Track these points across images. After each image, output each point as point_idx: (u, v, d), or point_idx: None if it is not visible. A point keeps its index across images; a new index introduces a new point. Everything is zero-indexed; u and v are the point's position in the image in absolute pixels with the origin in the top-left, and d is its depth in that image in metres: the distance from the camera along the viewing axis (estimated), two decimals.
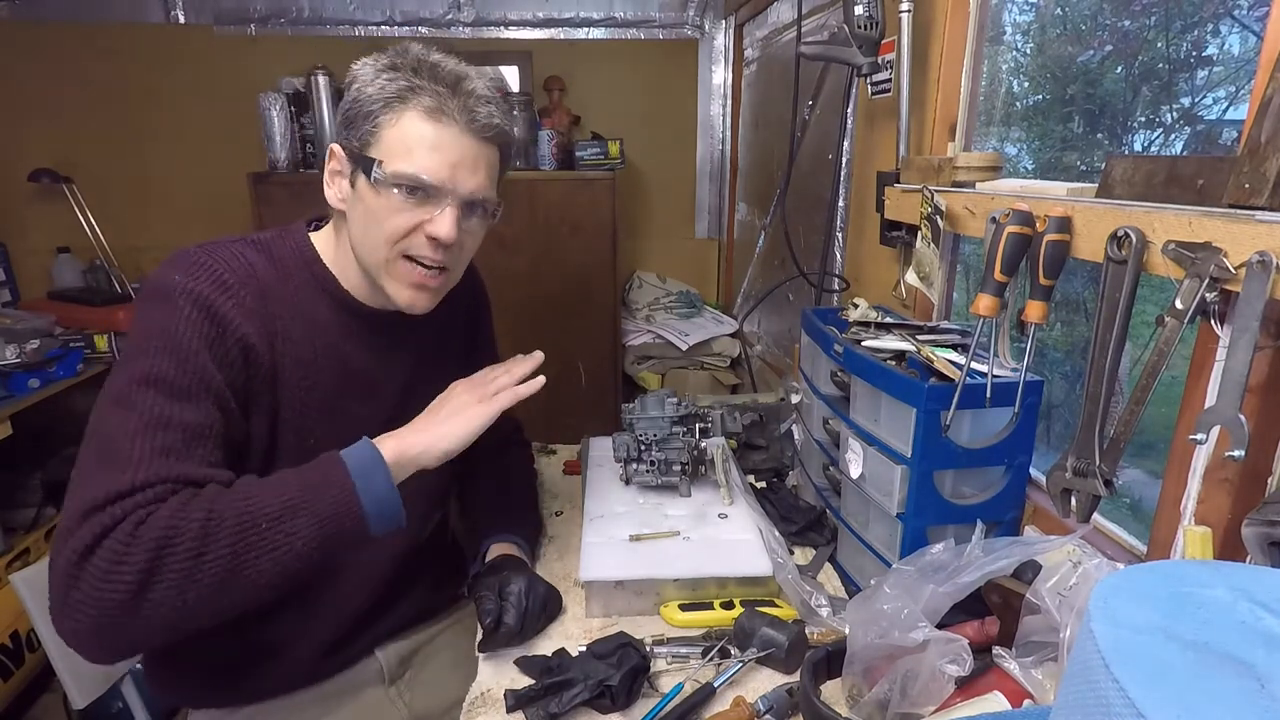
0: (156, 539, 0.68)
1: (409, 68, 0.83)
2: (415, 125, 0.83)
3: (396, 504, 0.80)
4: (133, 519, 0.69)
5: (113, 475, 0.71)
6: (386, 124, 0.83)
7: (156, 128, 2.62)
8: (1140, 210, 0.74)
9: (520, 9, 2.66)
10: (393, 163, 0.83)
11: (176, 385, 0.76)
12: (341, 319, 0.93)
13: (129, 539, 0.68)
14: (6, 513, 2.14)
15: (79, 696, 1.06)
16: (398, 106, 0.83)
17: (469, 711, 0.83)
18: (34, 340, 2.01)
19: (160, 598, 0.68)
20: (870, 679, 0.77)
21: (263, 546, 0.72)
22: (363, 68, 0.86)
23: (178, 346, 0.77)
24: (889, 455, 0.93)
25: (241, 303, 0.83)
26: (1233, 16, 0.95)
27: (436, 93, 0.82)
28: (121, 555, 0.67)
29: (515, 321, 2.36)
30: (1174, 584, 0.39)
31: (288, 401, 0.88)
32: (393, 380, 0.99)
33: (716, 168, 2.89)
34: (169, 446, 0.74)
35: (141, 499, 0.70)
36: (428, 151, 0.83)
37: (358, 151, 0.85)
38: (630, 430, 1.17)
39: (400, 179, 0.83)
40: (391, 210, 0.85)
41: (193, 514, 0.70)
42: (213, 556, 0.70)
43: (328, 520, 0.76)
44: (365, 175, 0.84)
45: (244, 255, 0.87)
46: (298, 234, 0.94)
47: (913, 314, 1.30)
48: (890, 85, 1.33)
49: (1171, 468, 0.82)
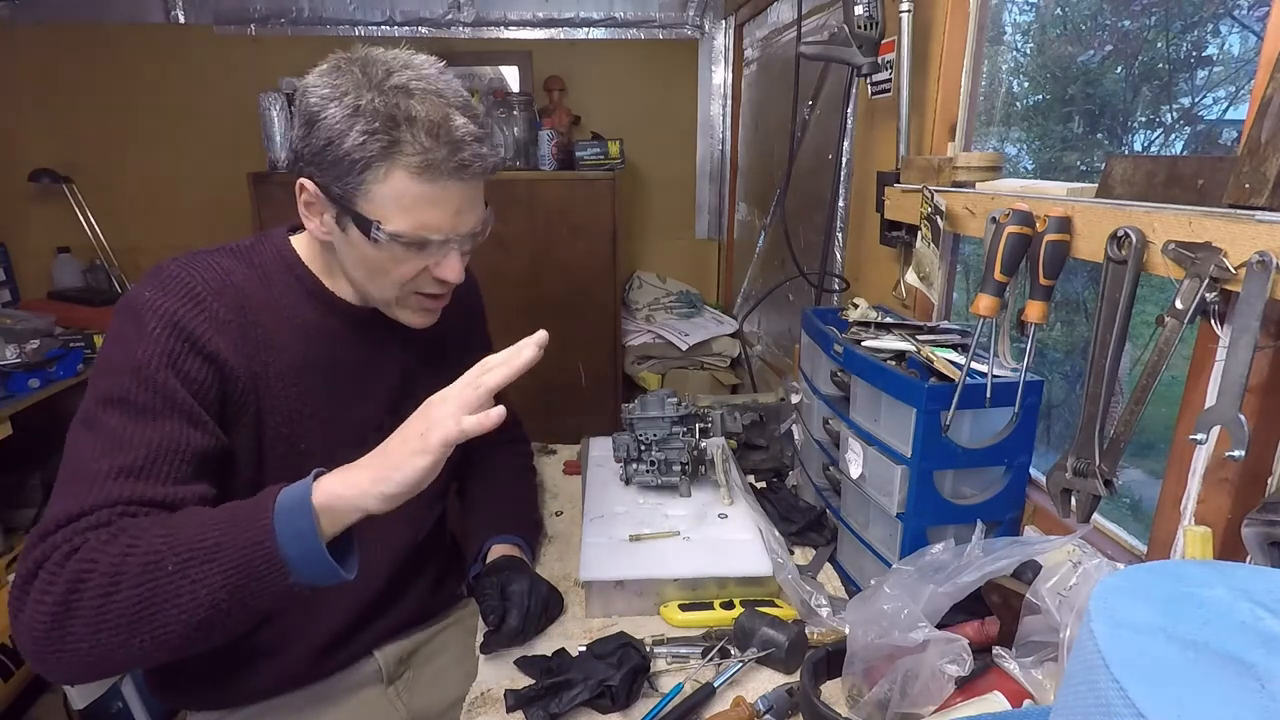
0: (73, 573, 0.67)
1: (384, 115, 0.76)
2: (407, 185, 0.78)
3: (322, 558, 0.69)
4: (68, 546, 0.68)
5: (69, 499, 0.71)
6: (374, 181, 0.78)
7: (156, 128, 2.62)
8: (1140, 210, 0.74)
9: (520, 9, 2.66)
10: (391, 223, 0.80)
11: (138, 404, 0.75)
12: (328, 321, 0.92)
13: (56, 569, 0.67)
14: (6, 513, 2.14)
15: (79, 696, 1.06)
16: (382, 165, 0.77)
17: (469, 711, 0.83)
18: (34, 340, 2.01)
19: (78, 634, 0.66)
20: (870, 679, 0.77)
21: (169, 591, 0.67)
22: (326, 107, 0.77)
23: (142, 365, 0.76)
24: (889, 455, 0.93)
25: (214, 315, 0.81)
26: (1233, 16, 0.95)
27: (423, 148, 0.77)
28: (46, 586, 0.67)
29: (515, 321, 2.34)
30: (1174, 584, 0.39)
31: (274, 411, 0.87)
32: (385, 380, 0.98)
33: (716, 168, 2.89)
34: (126, 466, 0.73)
35: (85, 524, 0.70)
36: (426, 209, 0.80)
37: (343, 201, 0.80)
38: (630, 430, 1.17)
39: (404, 239, 0.81)
40: (395, 261, 0.83)
41: (111, 548, 0.67)
42: (121, 597, 0.66)
43: (239, 569, 0.68)
44: (360, 229, 0.81)
45: (219, 264, 0.85)
46: (278, 238, 0.92)
47: (913, 314, 1.30)
48: (890, 85, 1.33)
49: (1171, 468, 0.82)
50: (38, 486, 2.22)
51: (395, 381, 0.99)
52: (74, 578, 0.66)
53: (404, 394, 0.99)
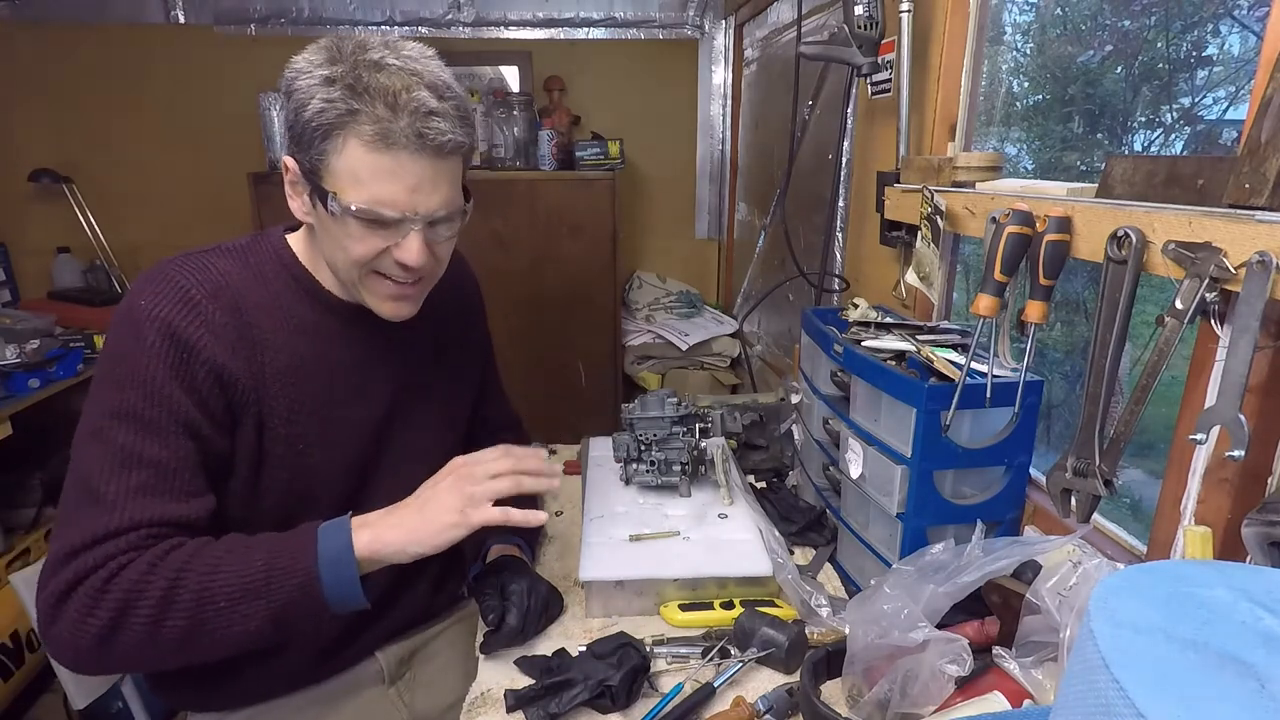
0: (120, 599, 0.72)
1: (345, 83, 0.75)
2: (361, 155, 0.76)
3: (358, 597, 0.79)
4: (105, 571, 0.73)
5: (92, 517, 0.74)
6: (331, 151, 0.77)
7: (156, 127, 2.62)
8: (1140, 210, 0.74)
9: (520, 9, 2.66)
10: (346, 195, 0.77)
11: (147, 419, 0.77)
12: (325, 320, 0.91)
13: (98, 594, 0.72)
14: (6, 513, 2.14)
15: (79, 696, 1.06)
16: (338, 134, 0.76)
17: (469, 711, 0.83)
18: (34, 340, 2.01)
19: (124, 649, 0.74)
20: (870, 679, 0.77)
21: (219, 622, 0.75)
22: (299, 78, 0.77)
23: (147, 379, 0.77)
24: (889, 455, 0.93)
25: (210, 320, 0.81)
26: (1233, 16, 0.95)
27: (377, 117, 0.74)
28: (90, 608, 0.72)
29: (515, 321, 2.36)
30: (1174, 584, 0.39)
31: (274, 411, 0.87)
32: (383, 380, 0.97)
33: (716, 168, 2.89)
34: (143, 484, 0.76)
35: (115, 547, 0.74)
36: (382, 182, 0.77)
37: (310, 175, 0.80)
38: (630, 430, 1.17)
39: (357, 213, 0.78)
40: (354, 238, 0.81)
41: (158, 578, 0.73)
42: (171, 624, 0.73)
43: (286, 606, 0.76)
44: (321, 203, 0.79)
45: (214, 265, 0.85)
46: (274, 237, 0.92)
47: (913, 314, 1.30)
48: (890, 85, 1.33)
49: (1171, 468, 0.82)
50: (37, 486, 2.21)
51: (393, 381, 0.98)
52: (123, 604, 0.72)
53: (402, 393, 0.99)
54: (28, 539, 2.07)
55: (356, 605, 0.80)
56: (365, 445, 0.96)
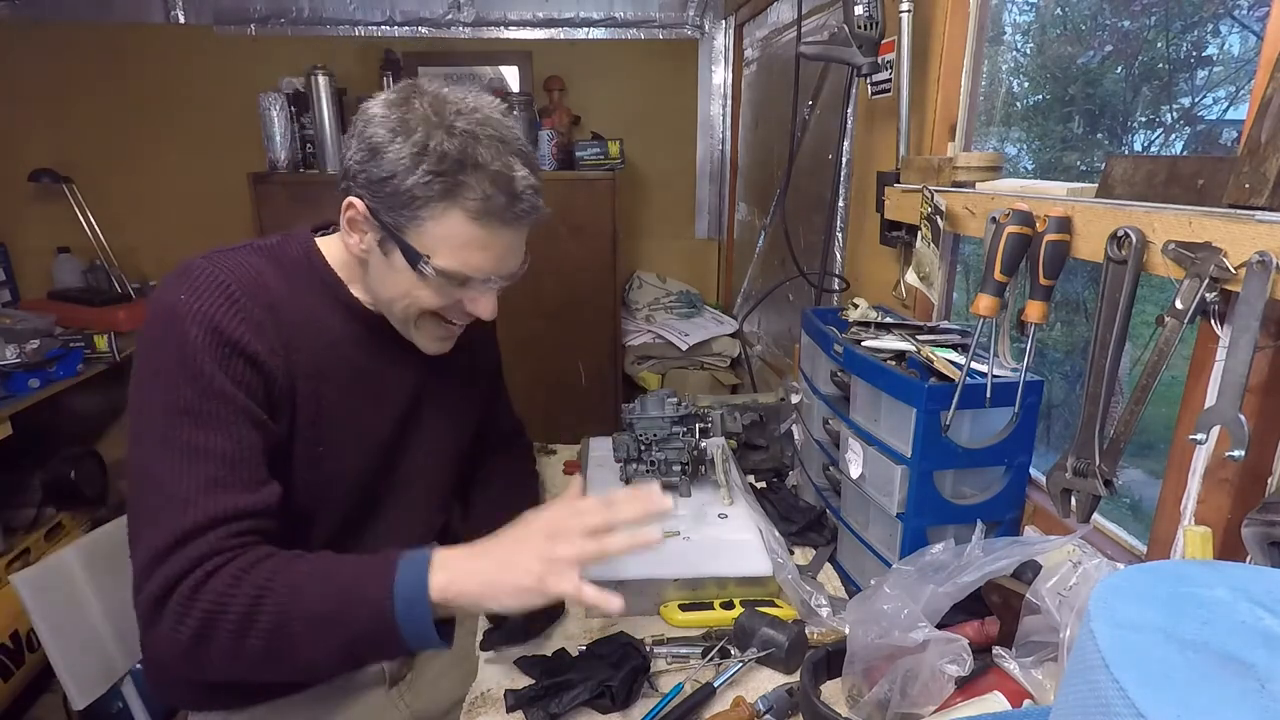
0: (207, 609, 0.73)
1: (453, 159, 0.77)
2: (463, 227, 0.80)
3: (433, 636, 0.75)
4: (194, 578, 0.73)
5: (170, 517, 0.75)
6: (429, 217, 0.79)
7: (156, 127, 2.62)
8: (1140, 210, 0.74)
9: (520, 9, 2.66)
10: (439, 258, 0.81)
11: (205, 413, 0.77)
12: (350, 326, 0.92)
13: (188, 601, 0.73)
14: (6, 513, 2.14)
15: (79, 696, 1.06)
16: (442, 204, 0.79)
17: (469, 711, 0.83)
18: (34, 340, 2.01)
19: (215, 659, 0.75)
20: (870, 679, 0.77)
21: (293, 646, 0.74)
22: (393, 141, 0.78)
23: (197, 373, 0.77)
24: (889, 455, 0.93)
25: (249, 316, 0.82)
26: (1233, 16, 0.95)
27: (484, 194, 0.78)
28: (181, 615, 0.73)
29: (516, 321, 2.35)
30: (1174, 584, 0.39)
31: (302, 411, 0.88)
32: (401, 387, 0.98)
33: (716, 168, 2.89)
34: (213, 478, 0.76)
35: (200, 549, 0.74)
36: (476, 251, 0.82)
37: (393, 229, 0.81)
38: (630, 430, 1.17)
39: (448, 275, 0.82)
40: (432, 292, 0.84)
41: (242, 593, 0.73)
42: (252, 641, 0.73)
43: (359, 637, 0.74)
44: (406, 259, 0.82)
45: (250, 263, 0.86)
46: (304, 239, 0.92)
47: (913, 314, 1.30)
48: (890, 85, 1.33)
49: (1171, 468, 0.82)
50: (37, 486, 2.21)
51: (407, 392, 0.99)
52: (208, 617, 0.73)
53: (414, 405, 0.99)
54: (28, 539, 2.07)
55: (434, 645, 0.75)
56: (378, 453, 0.96)
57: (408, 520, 1.03)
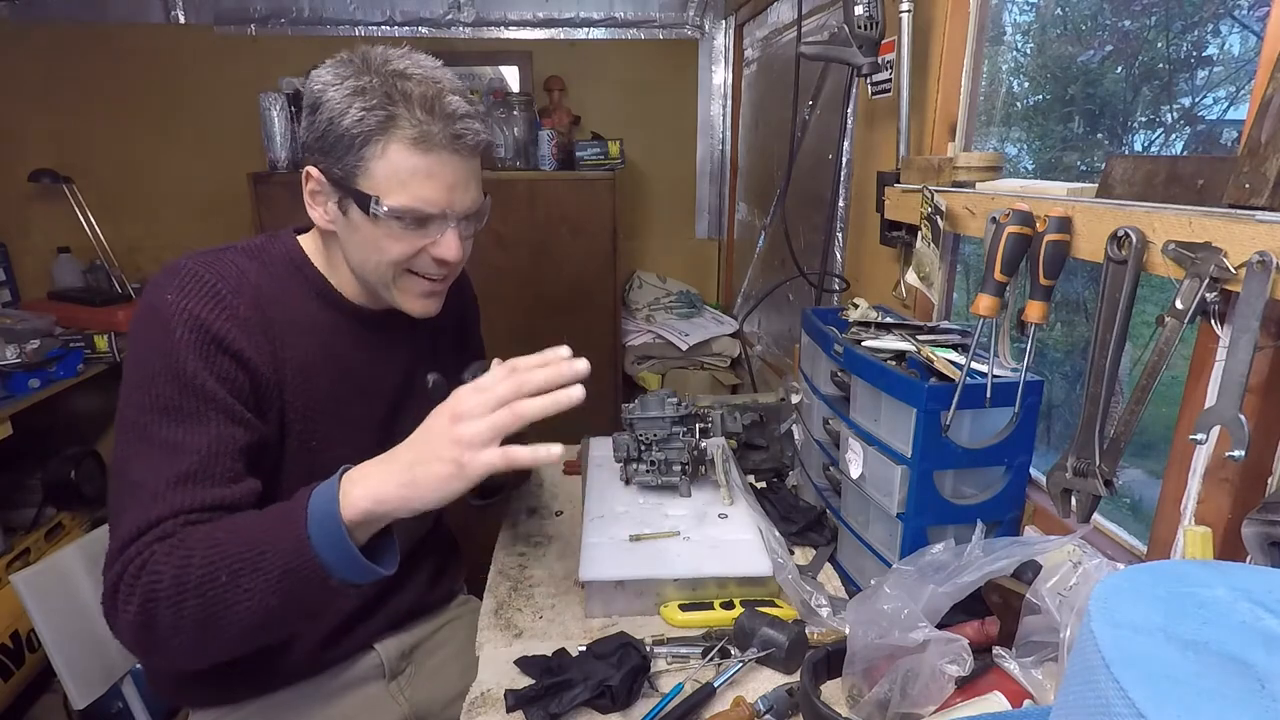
0: (146, 587, 0.72)
1: (381, 92, 0.79)
2: (404, 158, 0.80)
3: (356, 561, 0.71)
4: (138, 561, 0.73)
5: (136, 512, 0.75)
6: (372, 156, 0.81)
7: (156, 128, 2.62)
8: (1140, 210, 0.74)
9: (520, 9, 2.66)
10: (389, 197, 0.81)
11: (184, 410, 0.78)
12: (335, 320, 0.94)
13: (131, 583, 0.73)
14: (6, 513, 2.15)
15: (79, 696, 1.06)
16: (379, 139, 0.80)
17: (469, 711, 0.83)
18: (34, 340, 2.01)
19: (161, 638, 0.73)
20: (870, 679, 0.77)
21: (225, 600, 0.71)
22: (328, 90, 0.81)
23: (179, 371, 0.78)
24: (889, 455, 0.93)
25: (236, 314, 0.82)
26: (1233, 16, 0.95)
27: (417, 120, 0.80)
28: (126, 600, 0.73)
29: (515, 321, 2.36)
30: (1174, 584, 0.39)
31: (292, 406, 0.89)
32: (387, 378, 0.99)
33: (716, 168, 2.89)
34: (185, 473, 0.76)
35: (150, 537, 0.74)
36: (423, 182, 0.82)
37: (344, 181, 0.83)
38: (630, 430, 1.17)
39: (400, 213, 0.82)
40: (393, 239, 0.84)
41: (173, 560, 0.72)
42: (189, 608, 0.71)
43: (283, 577, 0.71)
44: (360, 207, 0.82)
45: (237, 263, 0.87)
46: (286, 238, 0.94)
47: (913, 314, 1.30)
48: (890, 85, 1.33)
49: (1171, 468, 0.82)
50: (37, 486, 2.21)
51: (397, 379, 1.00)
52: (146, 594, 0.72)
53: (405, 391, 1.00)
54: (28, 539, 2.07)
55: (363, 573, 0.72)
56: (370, 444, 0.95)
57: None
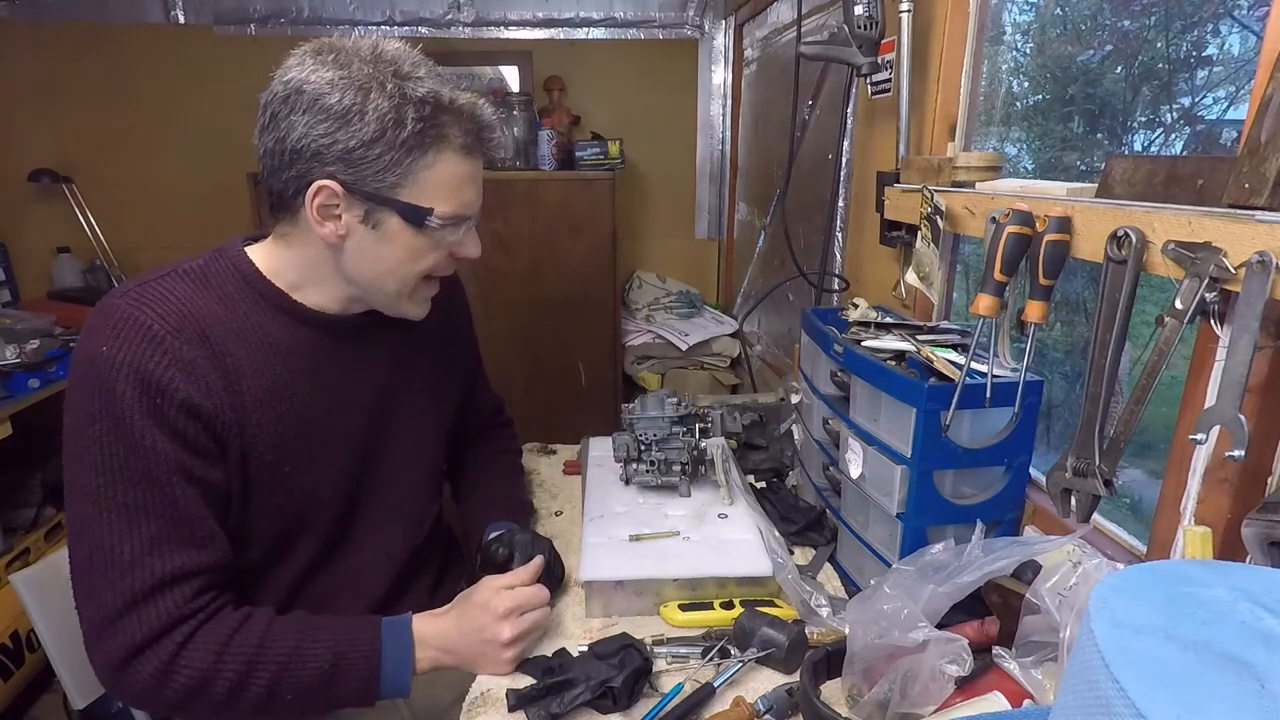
0: (196, 677, 0.77)
1: (434, 104, 0.79)
2: (455, 166, 0.82)
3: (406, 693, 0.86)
4: (164, 648, 0.76)
5: (120, 579, 0.76)
6: (422, 167, 0.80)
7: (156, 128, 2.62)
8: (1140, 210, 0.74)
9: (520, 9, 2.66)
10: (441, 206, 0.82)
11: (140, 472, 0.76)
12: (299, 334, 0.88)
13: (162, 675, 0.76)
14: (6, 513, 2.14)
15: (79, 696, 1.06)
16: (434, 149, 0.80)
17: (469, 711, 0.83)
18: (34, 340, 2.01)
19: (199, 713, 0.80)
20: (870, 679, 0.77)
21: (286, 709, 0.81)
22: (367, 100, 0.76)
23: (128, 431, 0.75)
24: (889, 455, 0.93)
25: (179, 357, 0.77)
26: (1233, 16, 0.95)
27: (464, 130, 0.82)
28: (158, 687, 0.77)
29: (515, 321, 2.36)
30: (1174, 584, 0.39)
31: (258, 439, 0.84)
32: (363, 389, 0.95)
33: (716, 168, 2.89)
34: (156, 537, 0.77)
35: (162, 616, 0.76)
36: (468, 187, 0.85)
37: (381, 193, 0.80)
38: (630, 430, 1.17)
39: (451, 220, 0.84)
40: (432, 247, 0.86)
41: (233, 661, 0.78)
42: (243, 703, 0.79)
43: (344, 703, 0.84)
44: (405, 219, 0.82)
45: (175, 293, 0.81)
46: (232, 253, 0.88)
47: (913, 314, 1.30)
48: (890, 85, 1.33)
49: (1171, 468, 0.82)
50: (37, 486, 2.21)
51: (373, 388, 0.96)
52: (199, 682, 0.77)
53: (382, 399, 0.97)
54: (28, 539, 2.07)
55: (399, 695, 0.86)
56: (352, 458, 0.95)
57: (399, 522, 1.03)
